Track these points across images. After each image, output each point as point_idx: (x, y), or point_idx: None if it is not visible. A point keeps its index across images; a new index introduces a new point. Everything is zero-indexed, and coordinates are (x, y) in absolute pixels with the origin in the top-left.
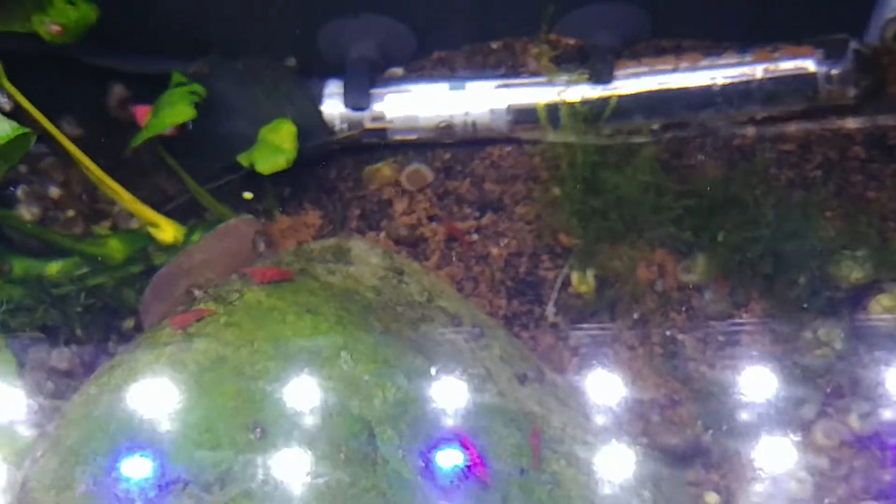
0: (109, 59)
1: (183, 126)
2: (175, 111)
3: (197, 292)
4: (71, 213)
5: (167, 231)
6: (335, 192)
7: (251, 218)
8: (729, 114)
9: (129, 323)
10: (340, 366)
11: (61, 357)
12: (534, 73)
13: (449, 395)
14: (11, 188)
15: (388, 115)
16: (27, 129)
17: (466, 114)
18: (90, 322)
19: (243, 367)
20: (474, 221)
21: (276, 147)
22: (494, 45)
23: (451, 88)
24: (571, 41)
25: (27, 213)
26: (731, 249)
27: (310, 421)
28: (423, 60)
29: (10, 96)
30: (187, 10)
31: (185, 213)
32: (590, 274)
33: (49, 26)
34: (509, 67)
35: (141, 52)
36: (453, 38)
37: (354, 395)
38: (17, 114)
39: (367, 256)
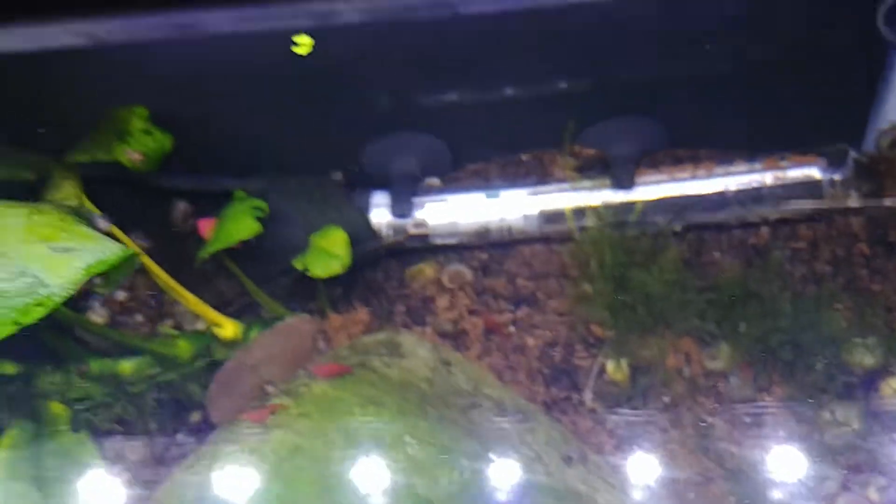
0: (176, 180)
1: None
2: (242, 226)
3: (270, 388)
4: (139, 318)
5: (228, 329)
6: (382, 291)
7: (307, 317)
8: (743, 216)
9: (195, 416)
10: (405, 451)
11: (135, 449)
12: (560, 181)
13: (503, 475)
14: (90, 299)
15: (430, 222)
16: (133, 251)
17: (502, 220)
18: (159, 415)
19: (318, 454)
20: (511, 315)
21: (328, 253)
22: (524, 157)
23: (487, 197)
24: (592, 152)
25: (97, 317)
26: (753, 339)
27: (381, 502)
28: (459, 172)
29: (106, 219)
30: (244, 135)
31: (243, 311)
32: (624, 363)
33: (130, 155)
34: (539, 176)
35: (202, 172)
36: (486, 152)
37: (419, 478)
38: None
39: (417, 350)
